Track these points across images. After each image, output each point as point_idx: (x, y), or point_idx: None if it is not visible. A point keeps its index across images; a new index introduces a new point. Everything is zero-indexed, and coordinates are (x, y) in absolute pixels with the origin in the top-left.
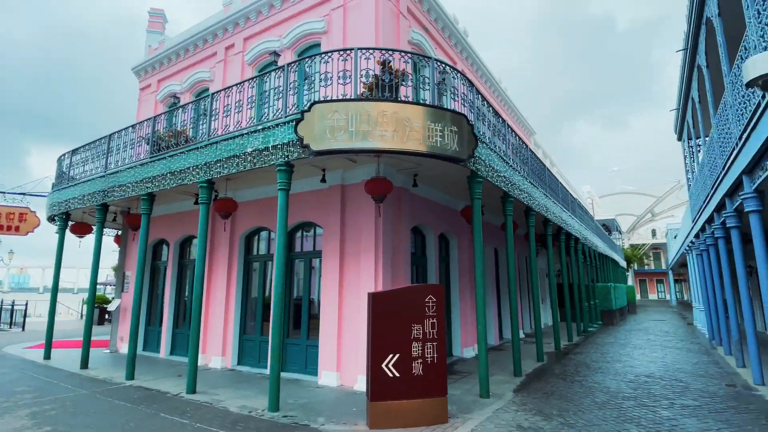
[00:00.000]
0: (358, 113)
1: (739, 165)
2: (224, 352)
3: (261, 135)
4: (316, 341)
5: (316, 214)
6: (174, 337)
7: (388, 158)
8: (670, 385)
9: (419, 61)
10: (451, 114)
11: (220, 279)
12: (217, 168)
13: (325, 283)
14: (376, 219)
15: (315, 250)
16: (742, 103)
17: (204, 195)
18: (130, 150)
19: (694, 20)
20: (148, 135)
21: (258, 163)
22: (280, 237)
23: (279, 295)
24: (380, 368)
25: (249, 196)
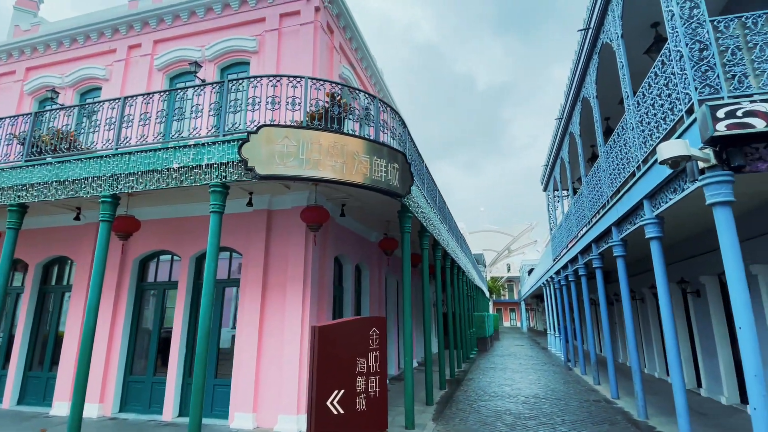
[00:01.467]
0: (309, 141)
1: (609, 218)
2: (102, 397)
3: (192, 151)
4: (226, 380)
5: (235, 240)
6: (26, 382)
7: (323, 187)
8: (555, 404)
9: (365, 98)
10: (394, 152)
11: (104, 309)
12: (128, 182)
13: (243, 314)
14: (306, 248)
15: (230, 279)
16: (615, 170)
17: (108, 211)
18: None
19: (571, 97)
20: (24, 133)
21: (186, 181)
22: (210, 263)
23: (205, 328)
24: (324, 405)
25: (149, 215)
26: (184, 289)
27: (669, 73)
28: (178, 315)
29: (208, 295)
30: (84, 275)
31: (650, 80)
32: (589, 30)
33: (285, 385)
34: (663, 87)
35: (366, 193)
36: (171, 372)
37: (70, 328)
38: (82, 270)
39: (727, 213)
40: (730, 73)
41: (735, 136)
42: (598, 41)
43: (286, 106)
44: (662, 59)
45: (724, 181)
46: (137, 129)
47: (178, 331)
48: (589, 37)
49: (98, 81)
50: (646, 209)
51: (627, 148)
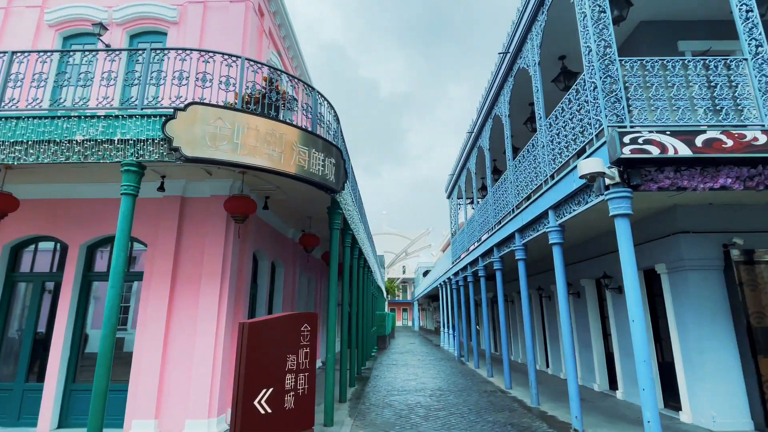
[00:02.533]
0: (246, 126)
1: (514, 225)
2: None
3: (102, 123)
4: (122, 385)
5: (140, 228)
6: None
7: (250, 177)
8: (459, 395)
9: (303, 88)
10: (330, 146)
11: None
12: (13, 152)
13: (146, 311)
14: (226, 241)
15: (129, 271)
16: (523, 182)
17: None
18: None
19: (484, 113)
20: None
21: (93, 156)
22: (120, 253)
23: (111, 326)
24: (252, 405)
25: (28, 194)
26: (70, 282)
27: (582, 101)
28: (62, 311)
29: (116, 287)
30: None
31: (564, 105)
32: (508, 54)
33: (195, 387)
34: (575, 112)
35: (297, 186)
36: (50, 378)
37: None
38: None
39: (626, 223)
40: (633, 106)
41: (635, 160)
42: (515, 65)
43: (219, 85)
44: (576, 87)
45: (625, 196)
46: (29, 91)
47: (61, 330)
48: (507, 60)
49: (163, 23)
50: (550, 218)
51: (536, 163)
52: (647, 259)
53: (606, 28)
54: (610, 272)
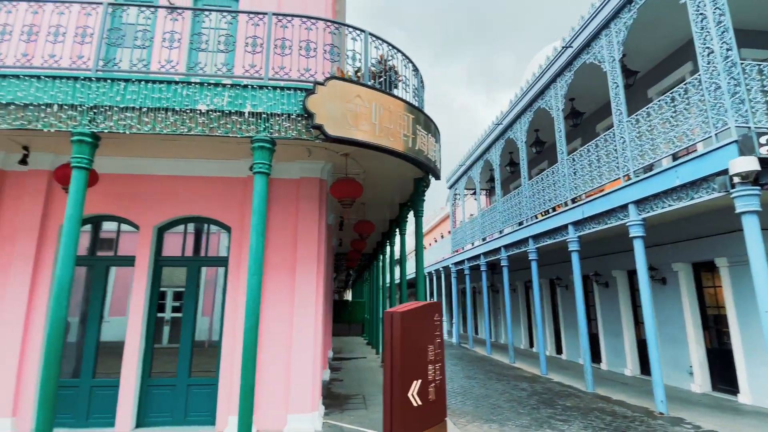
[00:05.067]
0: (381, 106)
1: (567, 218)
2: (16, 410)
3: (228, 92)
4: (209, 379)
5: (221, 210)
6: None
7: (340, 158)
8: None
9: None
10: (433, 125)
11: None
12: (123, 119)
13: (234, 299)
14: (319, 225)
15: (208, 256)
16: (588, 177)
17: (85, 155)
18: None
19: (521, 106)
20: None
21: (220, 129)
22: (259, 237)
23: (255, 317)
24: (406, 398)
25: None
26: (145, 267)
27: (695, 101)
28: (136, 299)
29: (258, 275)
30: None
31: (661, 103)
32: (569, 48)
33: (296, 379)
34: (682, 111)
35: (388, 169)
36: (127, 373)
37: None
38: None
39: (754, 220)
40: (755, 108)
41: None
42: (577, 60)
43: (346, 60)
44: (685, 87)
45: (754, 194)
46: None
47: (137, 320)
48: (568, 54)
49: None
50: (631, 212)
51: (609, 160)
52: (698, 253)
53: (727, 31)
54: (655, 264)
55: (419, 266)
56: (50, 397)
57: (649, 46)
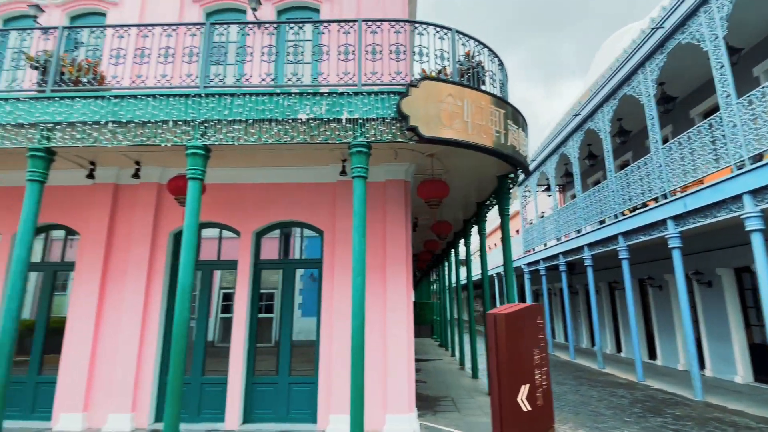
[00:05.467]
0: (472, 103)
1: (665, 212)
2: (136, 405)
3: (326, 100)
4: (308, 377)
5: (311, 214)
6: None
7: (424, 158)
8: (596, 387)
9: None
10: (522, 118)
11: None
12: (231, 132)
13: (329, 301)
14: (406, 228)
15: (303, 259)
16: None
17: (199, 166)
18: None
19: (604, 94)
20: (39, 56)
21: (320, 137)
22: (360, 239)
23: (361, 317)
24: (516, 403)
25: None
26: (246, 270)
27: None
28: (240, 300)
29: (362, 275)
30: (91, 250)
31: None
32: (660, 29)
33: (392, 380)
34: None
35: (480, 168)
36: (234, 370)
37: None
38: (88, 244)
39: None
40: None
41: None
42: (670, 41)
43: (434, 59)
44: None
45: None
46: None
47: (241, 320)
48: (660, 36)
49: (102, 3)
50: (747, 203)
51: (710, 147)
52: None
53: None
54: None
55: (508, 265)
56: (177, 393)
57: (754, 19)
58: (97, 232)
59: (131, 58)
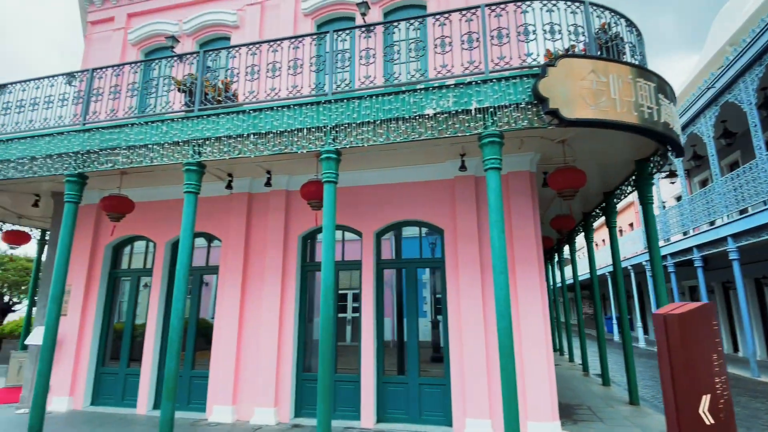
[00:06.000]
0: (619, 78)
1: None
2: (278, 400)
3: (452, 92)
4: (438, 379)
5: (430, 212)
6: (161, 382)
7: (553, 146)
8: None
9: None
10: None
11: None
12: (361, 134)
13: (456, 299)
14: (534, 223)
15: (423, 258)
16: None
17: (333, 169)
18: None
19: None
20: (186, 79)
21: (447, 131)
22: (500, 234)
23: (508, 317)
24: (697, 415)
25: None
26: (370, 270)
27: None
28: (366, 299)
29: (504, 273)
30: (232, 255)
31: None
32: None
33: (531, 386)
34: None
35: (616, 153)
36: (366, 369)
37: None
38: (229, 250)
39: None
40: None
41: None
42: None
43: (568, 36)
44: None
45: None
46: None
47: (369, 319)
48: None
49: (226, 29)
50: None
51: None
52: None
53: None
54: None
55: (655, 258)
56: (328, 390)
57: None
58: (237, 238)
59: (264, 72)
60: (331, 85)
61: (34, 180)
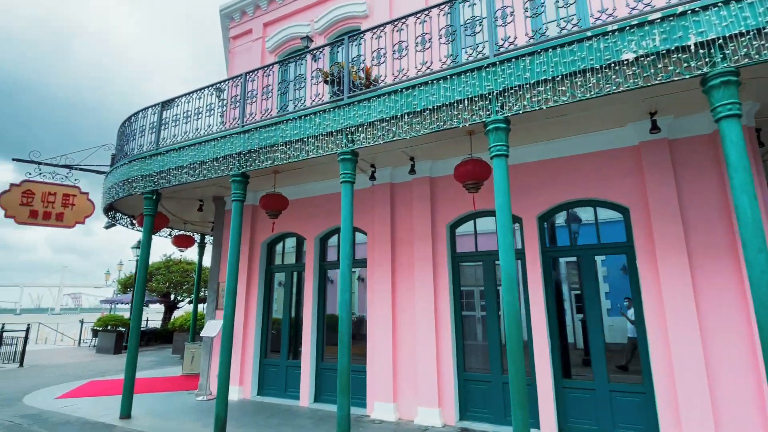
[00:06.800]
0: None
1: None
2: (442, 401)
3: (658, 29)
4: (638, 386)
5: (607, 187)
6: (319, 375)
7: None
8: None
9: None
10: None
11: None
12: (536, 95)
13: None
14: (761, 185)
15: (602, 244)
16: None
17: (503, 141)
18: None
19: None
20: (333, 70)
21: (656, 76)
22: (750, 200)
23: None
24: None
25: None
26: (536, 260)
27: None
28: (535, 294)
29: (760, 252)
30: (379, 248)
31: None
32: None
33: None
34: None
35: None
36: (541, 372)
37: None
38: (376, 242)
39: None
40: None
41: None
42: None
43: None
44: None
45: None
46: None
47: (541, 315)
48: None
49: (356, 20)
50: None
51: None
52: None
53: None
54: None
55: None
56: (521, 395)
57: None
58: (382, 230)
59: (412, 47)
60: (492, 45)
61: (200, 185)
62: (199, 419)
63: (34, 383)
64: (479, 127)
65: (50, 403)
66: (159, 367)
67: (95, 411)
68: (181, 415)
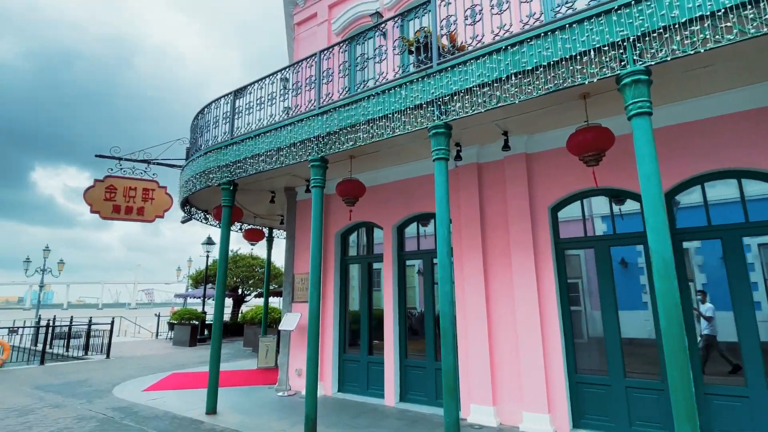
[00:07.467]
0: None
1: None
2: (551, 406)
3: None
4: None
5: (758, 154)
6: (403, 372)
7: None
8: None
9: None
10: None
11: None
12: (684, 36)
13: None
14: None
15: (747, 222)
16: None
17: (645, 96)
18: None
19: None
20: (417, 36)
21: None
22: None
23: None
24: None
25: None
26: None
27: None
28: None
29: None
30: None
31: None
32: None
33: None
34: None
35: None
36: None
37: None
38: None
39: None
40: None
41: None
42: None
43: None
44: None
45: None
46: None
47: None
48: None
49: None
50: None
51: None
52: None
53: None
54: None
55: None
56: (691, 406)
57: None
58: (470, 215)
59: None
60: None
61: (274, 175)
62: (285, 416)
63: (121, 375)
64: (596, 87)
65: (138, 396)
66: (233, 360)
67: (181, 405)
68: (265, 411)
